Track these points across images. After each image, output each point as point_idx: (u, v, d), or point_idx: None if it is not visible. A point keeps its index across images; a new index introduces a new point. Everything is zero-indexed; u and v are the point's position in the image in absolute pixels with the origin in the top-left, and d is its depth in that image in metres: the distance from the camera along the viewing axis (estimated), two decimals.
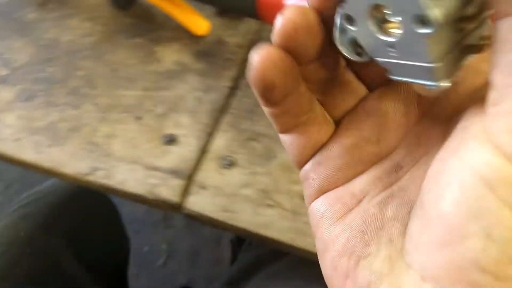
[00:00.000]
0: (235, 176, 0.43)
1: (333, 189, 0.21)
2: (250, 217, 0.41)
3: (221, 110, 0.48)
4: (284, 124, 0.21)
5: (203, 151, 0.45)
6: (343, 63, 0.21)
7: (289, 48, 0.18)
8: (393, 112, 0.20)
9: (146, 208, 1.31)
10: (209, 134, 0.46)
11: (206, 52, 0.53)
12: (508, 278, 0.14)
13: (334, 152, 0.21)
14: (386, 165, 0.20)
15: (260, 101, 0.20)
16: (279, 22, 0.17)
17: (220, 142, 0.46)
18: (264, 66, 0.18)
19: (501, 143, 0.13)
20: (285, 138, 0.22)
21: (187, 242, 1.24)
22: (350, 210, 0.20)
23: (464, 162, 0.14)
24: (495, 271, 0.14)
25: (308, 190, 0.22)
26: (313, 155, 0.21)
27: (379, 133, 0.20)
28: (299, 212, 0.41)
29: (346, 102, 0.21)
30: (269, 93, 0.18)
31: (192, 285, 1.18)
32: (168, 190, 0.42)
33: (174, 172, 0.43)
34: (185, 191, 0.43)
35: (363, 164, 0.21)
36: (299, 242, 0.40)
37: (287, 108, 0.20)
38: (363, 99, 0.21)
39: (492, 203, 0.13)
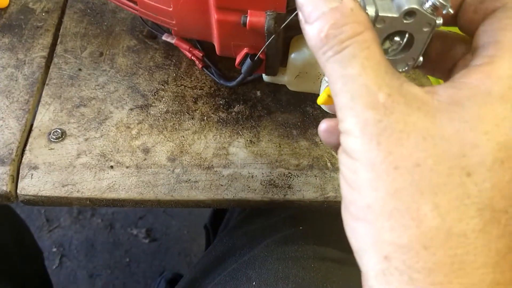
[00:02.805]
0: (68, 147, 0.40)
1: None
2: (92, 185, 0.39)
3: (40, 83, 0.44)
4: None
5: (27, 131, 0.41)
6: None
7: None
8: None
9: (25, 216, 1.21)
10: (30, 111, 0.42)
11: (11, 24, 0.48)
12: None
13: None
14: None
15: None
16: None
17: (45, 117, 0.42)
18: None
19: None
20: None
21: (78, 237, 1.17)
22: None
23: None
24: None
25: None
26: None
27: None
28: (143, 165, 0.40)
29: None
30: None
31: (95, 275, 1.13)
32: None
33: None
34: (15, 177, 0.39)
35: None
36: (149, 194, 0.39)
37: None
38: None
39: None
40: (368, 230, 0.20)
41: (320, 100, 0.26)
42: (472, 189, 0.19)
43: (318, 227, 0.47)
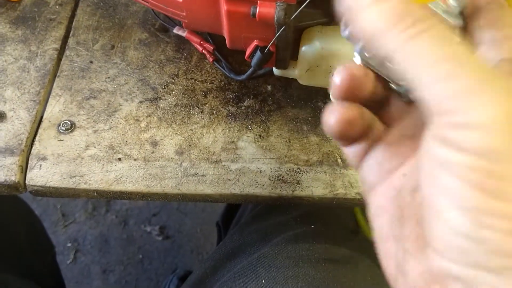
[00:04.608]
0: (76, 139, 0.40)
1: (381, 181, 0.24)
2: (100, 177, 0.39)
3: (51, 75, 0.44)
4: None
5: (37, 122, 0.41)
6: None
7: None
8: None
9: (41, 211, 1.23)
10: (41, 103, 0.42)
11: (25, 16, 0.48)
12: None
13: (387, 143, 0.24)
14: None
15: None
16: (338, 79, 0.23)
17: (55, 108, 0.42)
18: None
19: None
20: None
21: (92, 233, 1.18)
22: (390, 198, 0.22)
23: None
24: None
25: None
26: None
27: (413, 129, 0.23)
28: (151, 158, 0.40)
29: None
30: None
31: (109, 271, 1.13)
32: (2, 171, 0.38)
33: (5, 151, 0.39)
34: (24, 167, 0.39)
35: (403, 156, 0.23)
36: (156, 187, 0.38)
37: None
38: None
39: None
40: None
41: None
42: None
43: (330, 226, 0.46)
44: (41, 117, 0.42)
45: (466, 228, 0.17)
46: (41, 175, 0.38)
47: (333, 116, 0.23)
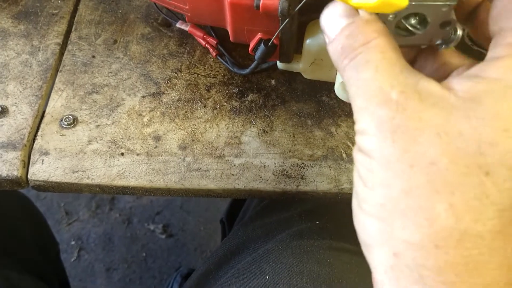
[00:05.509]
0: (79, 134, 0.40)
1: None
2: (102, 172, 0.38)
3: (53, 70, 0.44)
4: None
5: (39, 116, 0.41)
6: None
7: None
8: None
9: (44, 209, 1.23)
10: (43, 97, 0.42)
11: (27, 11, 0.48)
12: None
13: None
14: None
15: None
16: None
17: (57, 103, 0.42)
18: None
19: None
20: None
21: (96, 231, 1.18)
22: None
23: None
24: None
25: None
26: None
27: None
28: (154, 152, 0.39)
29: None
30: None
31: (112, 269, 1.13)
32: (5, 166, 0.38)
33: (7, 145, 0.39)
34: (26, 162, 0.38)
35: None
36: (159, 182, 0.38)
37: None
38: None
39: None
40: (379, 226, 0.20)
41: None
42: (491, 188, 0.19)
43: (335, 223, 0.45)
44: (43, 112, 0.41)
45: (354, 208, 0.22)
46: (43, 170, 0.38)
47: None
